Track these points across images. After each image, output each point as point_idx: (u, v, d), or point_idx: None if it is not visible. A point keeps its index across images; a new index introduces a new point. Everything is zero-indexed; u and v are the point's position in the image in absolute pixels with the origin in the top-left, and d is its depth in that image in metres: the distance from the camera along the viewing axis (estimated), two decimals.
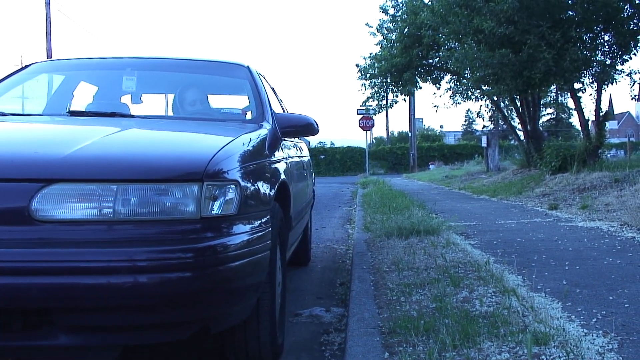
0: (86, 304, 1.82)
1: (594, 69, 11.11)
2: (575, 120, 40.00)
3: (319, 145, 38.69)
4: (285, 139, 3.36)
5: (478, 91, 14.73)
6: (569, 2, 10.47)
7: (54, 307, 1.81)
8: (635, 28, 10.68)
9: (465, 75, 13.64)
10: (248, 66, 3.71)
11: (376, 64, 15.69)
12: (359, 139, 37.09)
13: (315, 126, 3.36)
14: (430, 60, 15.46)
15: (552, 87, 15.28)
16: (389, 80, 16.02)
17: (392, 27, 15.72)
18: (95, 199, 1.88)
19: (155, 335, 2.00)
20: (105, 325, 1.91)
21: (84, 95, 3.76)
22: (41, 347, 1.89)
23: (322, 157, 35.94)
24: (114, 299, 1.81)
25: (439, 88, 16.39)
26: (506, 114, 17.94)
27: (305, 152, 4.59)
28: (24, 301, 1.80)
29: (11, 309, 1.83)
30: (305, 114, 3.44)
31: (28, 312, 1.85)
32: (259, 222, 2.25)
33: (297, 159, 3.72)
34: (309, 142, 5.55)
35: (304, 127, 3.32)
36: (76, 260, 1.79)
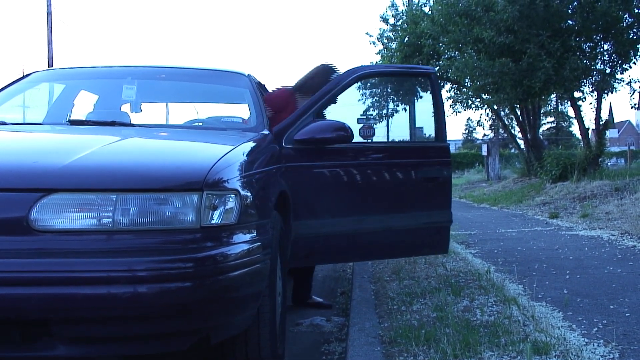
0: (85, 315, 1.81)
1: (593, 78, 11.14)
2: (575, 129, 40.02)
3: None
4: None
5: (478, 100, 14.76)
6: (569, 11, 10.50)
7: (53, 317, 1.80)
8: (634, 37, 10.71)
9: (466, 84, 13.66)
10: (249, 75, 3.72)
11: None
12: None
13: None
14: None
15: (552, 95, 15.34)
16: (389, 89, 16.04)
17: (392, 36, 15.77)
18: (95, 209, 1.87)
19: (155, 345, 1.99)
20: (105, 336, 1.89)
21: (84, 104, 3.76)
22: (40, 358, 1.88)
23: None
24: (114, 309, 1.80)
25: None
26: (506, 122, 17.98)
27: None
28: (22, 312, 1.79)
29: (10, 320, 1.81)
30: None
31: (27, 323, 1.83)
32: (259, 231, 2.25)
33: None
34: None
35: None
36: (75, 271, 1.78)
